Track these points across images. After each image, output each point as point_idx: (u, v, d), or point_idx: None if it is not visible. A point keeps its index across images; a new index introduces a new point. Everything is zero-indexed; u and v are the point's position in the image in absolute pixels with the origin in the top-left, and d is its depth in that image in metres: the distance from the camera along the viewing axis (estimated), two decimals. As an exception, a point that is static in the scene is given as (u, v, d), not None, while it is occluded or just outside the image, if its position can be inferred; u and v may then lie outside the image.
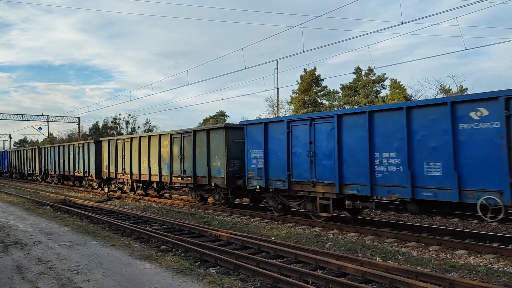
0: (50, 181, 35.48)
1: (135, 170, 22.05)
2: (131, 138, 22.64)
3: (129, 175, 22.66)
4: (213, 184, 16.45)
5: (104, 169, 25.46)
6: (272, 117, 42.72)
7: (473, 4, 14.64)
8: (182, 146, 18.29)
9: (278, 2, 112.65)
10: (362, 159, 10.96)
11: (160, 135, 20.27)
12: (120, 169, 23.64)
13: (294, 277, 7.27)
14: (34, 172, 38.62)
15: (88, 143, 28.06)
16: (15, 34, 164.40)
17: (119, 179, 23.91)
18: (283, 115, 49.27)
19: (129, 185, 23.15)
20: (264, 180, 13.87)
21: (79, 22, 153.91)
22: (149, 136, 21.16)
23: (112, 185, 25.03)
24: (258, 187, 14.24)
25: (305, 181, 12.57)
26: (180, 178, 18.33)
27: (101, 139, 27.39)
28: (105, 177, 25.47)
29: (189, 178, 17.74)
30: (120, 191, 24.13)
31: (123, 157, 23.22)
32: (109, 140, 25.41)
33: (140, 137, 21.81)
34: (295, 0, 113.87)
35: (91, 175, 27.45)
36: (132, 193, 22.97)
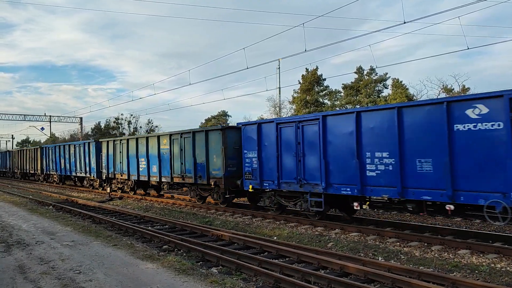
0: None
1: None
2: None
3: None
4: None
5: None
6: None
7: (476, 3, 14.60)
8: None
9: (280, 2, 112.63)
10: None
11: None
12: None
13: (296, 277, 7.26)
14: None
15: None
16: (18, 35, 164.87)
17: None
18: (287, 115, 49.20)
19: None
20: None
21: (82, 22, 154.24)
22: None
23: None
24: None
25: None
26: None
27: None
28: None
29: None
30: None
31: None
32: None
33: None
34: (297, 0, 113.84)
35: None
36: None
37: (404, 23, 15.50)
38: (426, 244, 9.73)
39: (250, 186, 14.49)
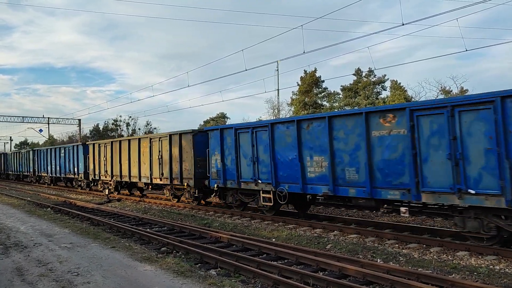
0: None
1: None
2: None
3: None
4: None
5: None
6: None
7: (474, 5, 14.66)
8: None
9: (278, 4, 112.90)
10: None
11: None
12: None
13: (295, 279, 7.25)
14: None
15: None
16: (17, 37, 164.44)
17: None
18: (284, 117, 49.18)
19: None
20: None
21: (81, 24, 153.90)
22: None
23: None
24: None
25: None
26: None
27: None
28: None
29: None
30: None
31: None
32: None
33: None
34: (295, 1, 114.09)
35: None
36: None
37: (403, 24, 15.56)
38: (425, 246, 9.73)
39: None
